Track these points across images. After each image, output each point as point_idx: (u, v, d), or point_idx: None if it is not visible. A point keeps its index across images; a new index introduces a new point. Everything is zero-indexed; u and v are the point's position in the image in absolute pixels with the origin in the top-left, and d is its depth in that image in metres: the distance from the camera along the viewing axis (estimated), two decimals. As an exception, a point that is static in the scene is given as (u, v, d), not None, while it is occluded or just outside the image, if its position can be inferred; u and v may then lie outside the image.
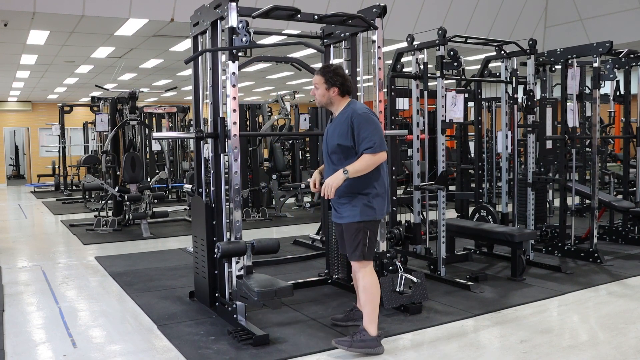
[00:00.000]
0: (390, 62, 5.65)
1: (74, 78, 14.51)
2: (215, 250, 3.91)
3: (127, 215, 8.47)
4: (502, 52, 5.81)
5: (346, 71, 4.62)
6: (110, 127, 9.33)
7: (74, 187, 14.86)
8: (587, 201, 6.78)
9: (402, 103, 5.57)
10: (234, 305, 3.84)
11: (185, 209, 10.05)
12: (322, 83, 3.52)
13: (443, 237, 5.09)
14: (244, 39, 3.71)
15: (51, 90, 17.29)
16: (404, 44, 5.74)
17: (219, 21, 4.02)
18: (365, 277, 3.50)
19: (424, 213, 5.68)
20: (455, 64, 5.09)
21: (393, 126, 5.53)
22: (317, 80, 3.53)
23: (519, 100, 5.96)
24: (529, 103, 5.65)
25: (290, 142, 10.91)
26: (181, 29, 8.71)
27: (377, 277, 3.55)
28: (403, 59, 5.67)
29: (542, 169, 6.19)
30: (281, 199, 9.80)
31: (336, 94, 3.51)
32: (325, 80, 3.51)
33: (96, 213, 9.16)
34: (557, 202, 6.46)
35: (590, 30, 10.97)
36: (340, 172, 3.35)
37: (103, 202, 9.33)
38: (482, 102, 6.99)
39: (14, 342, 3.77)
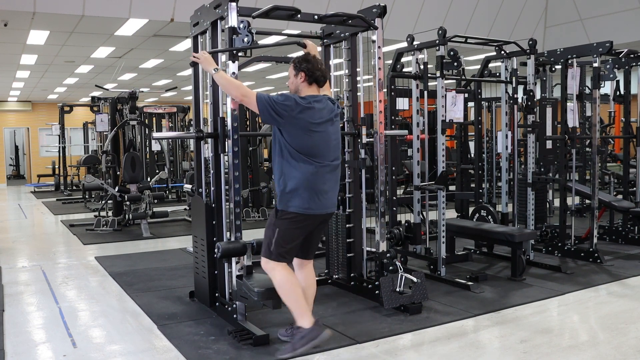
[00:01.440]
0: (390, 62, 5.65)
1: (74, 78, 14.51)
2: (215, 250, 3.91)
3: (127, 215, 8.47)
4: (502, 52, 5.81)
5: (345, 71, 4.67)
6: (110, 127, 9.32)
7: (74, 187, 14.85)
8: (587, 201, 6.78)
9: (402, 103, 5.57)
10: (234, 305, 3.84)
11: (185, 209, 10.04)
12: (291, 70, 3.48)
13: (443, 237, 5.09)
14: (245, 39, 3.71)
15: (51, 90, 17.28)
16: (404, 44, 5.74)
17: (219, 21, 4.02)
18: (274, 277, 3.41)
19: (424, 213, 5.68)
20: (455, 64, 5.09)
21: (393, 126, 5.54)
22: (289, 71, 3.51)
23: (519, 100, 5.96)
24: (529, 103, 5.65)
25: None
26: (181, 29, 8.70)
27: (287, 272, 3.40)
28: (403, 59, 5.67)
29: (542, 169, 6.19)
30: (281, 199, 9.78)
31: (303, 80, 3.43)
32: (293, 66, 3.46)
33: (96, 213, 9.16)
34: (557, 202, 6.45)
35: (590, 30, 10.97)
36: (211, 65, 3.48)
37: (103, 202, 9.33)
38: (482, 102, 6.99)
39: (14, 342, 3.77)
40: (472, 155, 7.69)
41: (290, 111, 3.30)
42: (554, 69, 6.72)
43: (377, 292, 4.35)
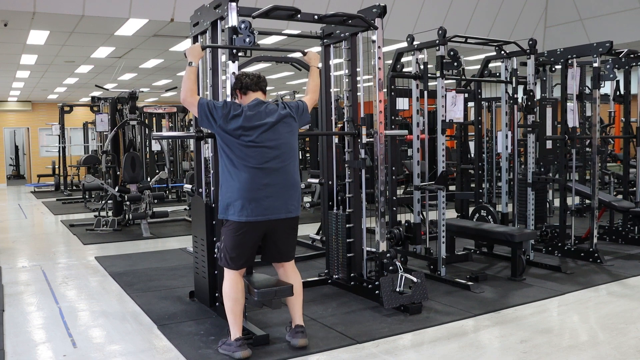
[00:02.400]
0: (390, 62, 5.65)
1: (74, 78, 14.51)
2: (215, 250, 3.91)
3: (127, 215, 8.47)
4: (502, 52, 5.81)
5: (345, 71, 4.68)
6: (110, 127, 9.32)
7: (74, 187, 14.85)
8: (587, 201, 6.78)
9: (402, 103, 5.57)
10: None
11: (185, 209, 10.04)
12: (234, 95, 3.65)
13: (443, 237, 5.09)
14: (247, 40, 3.71)
15: (51, 90, 17.28)
16: (404, 44, 5.74)
17: (219, 21, 4.02)
18: (224, 282, 3.53)
19: (424, 213, 5.68)
20: (455, 64, 5.09)
21: (393, 126, 5.54)
22: None
23: (519, 100, 5.96)
24: (529, 103, 5.65)
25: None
26: (181, 29, 8.71)
27: (232, 282, 3.48)
28: (403, 59, 5.67)
29: (542, 169, 6.19)
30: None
31: (240, 96, 3.58)
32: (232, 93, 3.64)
33: (96, 213, 9.15)
34: (557, 202, 6.45)
35: (590, 30, 10.97)
36: (194, 58, 3.55)
37: (103, 202, 9.33)
38: (482, 102, 6.99)
39: (14, 342, 3.77)
40: (472, 155, 7.69)
41: (222, 116, 3.39)
42: (554, 69, 6.72)
43: (377, 292, 4.35)
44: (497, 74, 6.23)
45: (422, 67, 5.38)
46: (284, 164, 3.47)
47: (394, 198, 5.58)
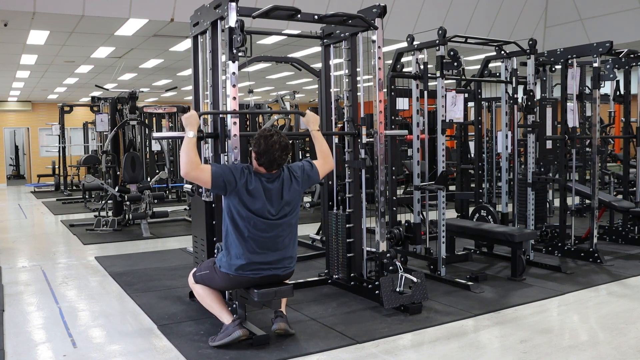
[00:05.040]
0: (390, 62, 5.65)
1: (74, 78, 14.51)
2: (215, 250, 3.91)
3: (127, 215, 8.47)
4: (502, 52, 5.81)
5: (345, 71, 4.67)
6: (110, 127, 9.32)
7: (74, 187, 14.85)
8: (587, 201, 6.78)
9: (402, 103, 5.57)
10: (234, 305, 3.84)
11: (185, 209, 10.04)
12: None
13: (443, 237, 5.09)
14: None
15: (51, 90, 17.28)
16: (404, 44, 5.74)
17: (219, 21, 4.02)
18: (194, 289, 3.80)
19: (424, 213, 5.68)
20: (455, 64, 5.09)
21: (393, 126, 5.54)
22: None
23: (519, 100, 5.96)
24: (529, 103, 5.65)
25: (290, 142, 10.89)
26: (181, 29, 8.70)
27: (201, 287, 3.72)
28: (403, 59, 5.67)
29: (542, 169, 6.19)
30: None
31: (254, 157, 3.55)
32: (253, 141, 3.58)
33: (96, 213, 9.15)
34: (557, 202, 6.45)
35: (590, 30, 10.97)
36: (192, 128, 3.58)
37: (103, 202, 9.32)
38: (482, 102, 6.99)
39: (14, 342, 3.77)
40: (472, 155, 7.69)
41: (239, 179, 3.46)
42: (554, 69, 6.71)
43: (377, 292, 4.35)
44: (497, 74, 6.23)
45: (422, 67, 5.38)
46: (285, 219, 3.58)
47: (394, 198, 5.58)
